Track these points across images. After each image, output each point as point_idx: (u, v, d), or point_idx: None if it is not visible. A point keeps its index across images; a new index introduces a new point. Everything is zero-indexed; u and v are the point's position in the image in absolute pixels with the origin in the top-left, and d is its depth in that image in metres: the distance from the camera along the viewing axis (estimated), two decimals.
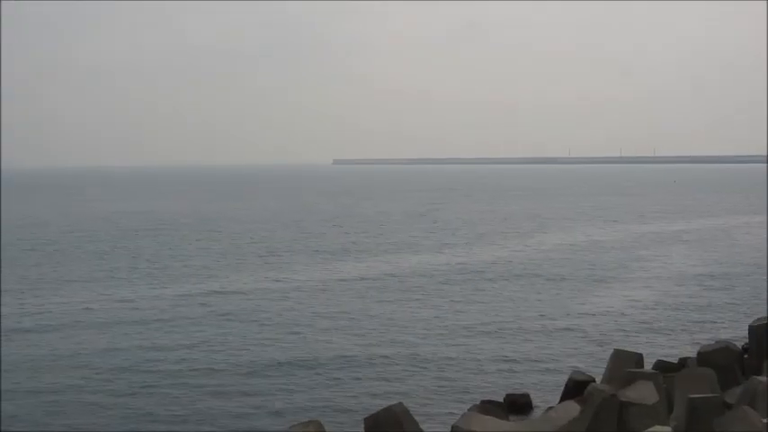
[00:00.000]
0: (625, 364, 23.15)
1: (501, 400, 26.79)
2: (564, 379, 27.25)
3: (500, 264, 61.40)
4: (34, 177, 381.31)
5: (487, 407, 23.52)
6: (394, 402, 21.04)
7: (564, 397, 25.41)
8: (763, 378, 19.22)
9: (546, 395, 27.97)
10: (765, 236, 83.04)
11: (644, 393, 19.15)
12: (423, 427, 20.55)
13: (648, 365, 26.27)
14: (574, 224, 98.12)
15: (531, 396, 27.60)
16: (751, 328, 27.04)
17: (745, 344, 28.25)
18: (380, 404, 23.91)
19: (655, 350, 33.12)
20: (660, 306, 44.40)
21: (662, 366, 27.16)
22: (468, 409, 22.56)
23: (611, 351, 25.34)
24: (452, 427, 20.29)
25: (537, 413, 25.41)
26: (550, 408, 23.19)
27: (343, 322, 40.32)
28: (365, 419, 19.74)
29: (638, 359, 24.30)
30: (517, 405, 26.64)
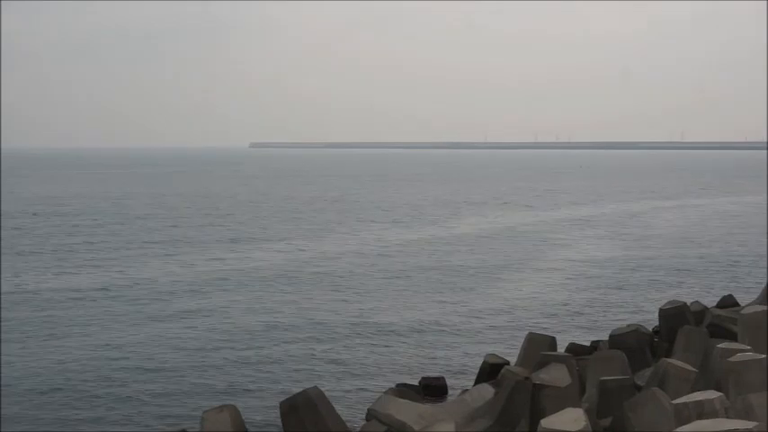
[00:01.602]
0: (539, 348, 23.42)
1: (416, 383, 26.97)
2: (479, 362, 27.49)
3: (414, 249, 61.64)
4: None
5: (403, 390, 23.64)
6: (309, 386, 21.03)
7: (478, 380, 25.63)
8: (672, 360, 19.59)
9: (461, 378, 28.21)
10: (676, 220, 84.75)
11: (557, 376, 19.38)
12: (338, 410, 20.57)
13: (561, 348, 26.61)
14: (487, 210, 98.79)
15: (447, 379, 27.82)
16: (661, 311, 27.55)
17: (656, 327, 28.77)
18: (296, 388, 23.89)
19: (568, 333, 33.59)
20: (573, 290, 45.00)
21: (574, 349, 27.53)
22: (384, 393, 22.65)
23: (526, 335, 25.60)
24: (368, 410, 20.35)
25: (452, 396, 25.61)
26: (465, 390, 23.38)
27: (256, 309, 40.09)
28: (281, 403, 19.69)
29: (551, 342, 24.61)
30: (432, 388, 26.81)
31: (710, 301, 36.16)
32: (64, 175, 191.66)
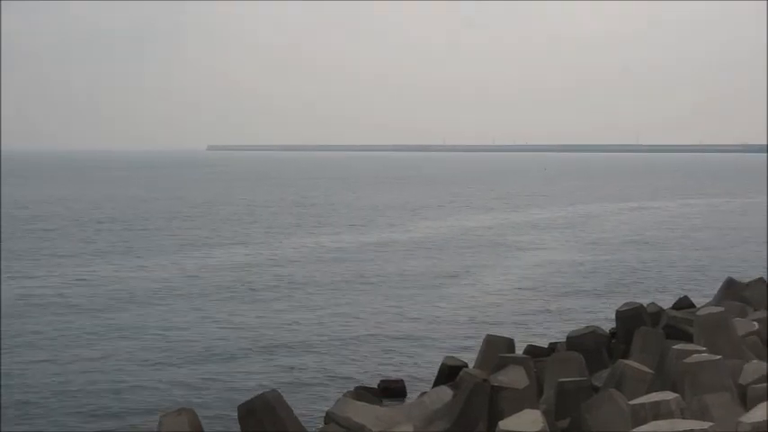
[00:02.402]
0: (497, 350, 23.48)
1: (375, 386, 26.97)
2: (437, 365, 27.54)
3: (372, 253, 61.63)
4: None
5: (361, 393, 23.63)
6: (268, 390, 20.94)
7: (437, 382, 25.67)
8: (629, 361, 19.72)
9: (420, 381, 28.21)
10: (633, 222, 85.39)
11: (515, 378, 19.45)
12: (297, 413, 20.51)
13: (520, 350, 26.68)
14: (445, 213, 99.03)
15: (405, 382, 27.82)
16: (618, 313, 27.71)
17: (613, 328, 28.92)
18: (254, 392, 23.79)
19: (526, 335, 33.71)
20: (531, 292, 45.19)
21: (532, 351, 27.62)
22: (343, 395, 22.62)
23: (484, 337, 25.65)
24: (326, 413, 20.33)
25: (411, 398, 25.62)
26: (423, 393, 23.40)
27: (214, 313, 39.87)
28: (239, 407, 19.60)
29: (509, 344, 24.69)
30: (391, 391, 26.81)
31: (667, 302, 36.41)
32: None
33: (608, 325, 30.31)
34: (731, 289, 32.15)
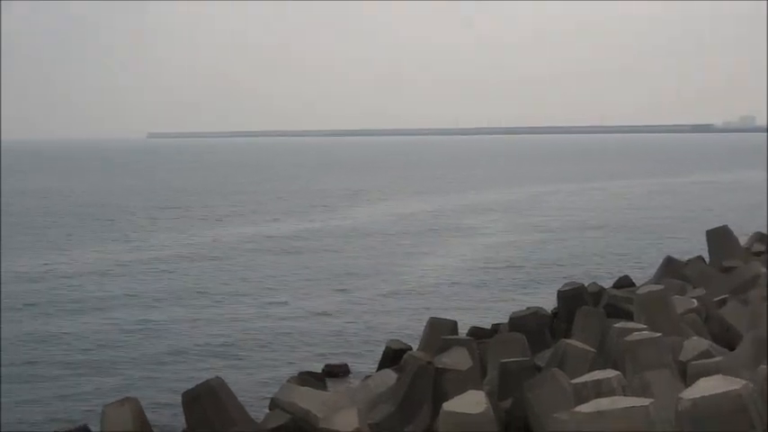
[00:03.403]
0: (440, 332, 23.55)
1: (320, 371, 26.96)
2: (382, 348, 27.59)
3: (315, 239, 61.57)
4: None
5: (306, 377, 23.59)
6: (211, 377, 20.85)
7: (381, 365, 25.72)
8: (571, 341, 19.89)
9: (364, 365, 28.25)
10: (573, 203, 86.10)
11: (458, 359, 19.54)
12: (241, 400, 20.45)
13: (463, 332, 26.81)
14: (386, 197, 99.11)
15: (350, 366, 27.89)
16: (559, 293, 27.94)
17: (555, 308, 29.16)
18: (198, 379, 23.65)
19: (469, 317, 33.78)
20: (474, 275, 45.40)
21: (476, 333, 27.79)
22: (287, 381, 22.58)
23: (427, 319, 25.72)
24: (271, 399, 20.29)
25: (355, 382, 25.64)
26: (368, 376, 23.45)
27: (155, 301, 39.62)
28: (183, 394, 19.51)
29: (452, 326, 24.76)
30: (336, 375, 26.87)
31: (607, 282, 36.78)
32: None
33: (550, 305, 30.54)
34: (670, 267, 32.63)
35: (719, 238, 33.70)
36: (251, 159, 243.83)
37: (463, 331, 27.13)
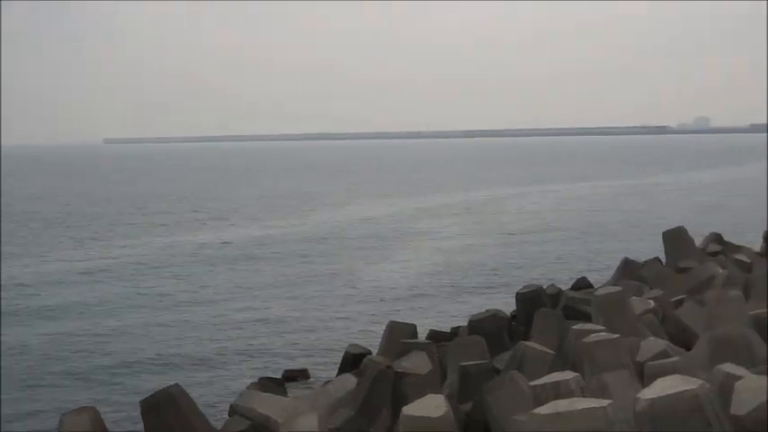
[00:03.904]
0: (400, 336, 23.58)
1: (279, 376, 26.90)
2: (341, 353, 27.56)
3: (272, 243, 61.44)
4: None
5: (265, 383, 23.55)
6: (170, 384, 20.73)
7: (341, 370, 25.69)
8: (529, 343, 19.97)
9: (324, 370, 28.21)
10: (531, 205, 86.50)
11: (418, 363, 19.56)
12: (201, 407, 20.34)
13: (422, 336, 26.86)
14: (346, 200, 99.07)
15: (310, 371, 27.85)
16: (518, 295, 28.04)
17: (513, 311, 29.27)
18: (157, 386, 23.51)
19: (428, 321, 33.85)
20: (432, 278, 45.48)
21: (435, 336, 27.83)
22: (247, 387, 22.51)
23: (387, 323, 25.73)
24: (231, 406, 20.22)
25: (315, 387, 25.60)
26: (328, 381, 23.41)
27: (111, 308, 39.35)
28: (141, 402, 19.37)
29: (412, 330, 24.80)
30: (295, 380, 26.83)
31: (565, 283, 36.99)
32: None
33: (509, 308, 30.67)
34: (627, 269, 32.86)
35: (675, 239, 34.00)
36: (213, 164, 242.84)
37: (422, 335, 27.18)
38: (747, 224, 62.42)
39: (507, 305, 32.07)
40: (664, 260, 34.15)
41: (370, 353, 25.68)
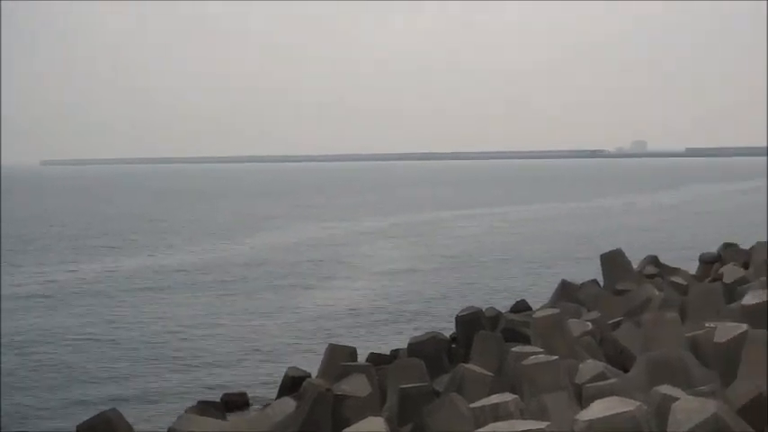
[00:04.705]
0: (339, 359, 23.53)
1: (218, 400, 26.68)
2: (281, 376, 27.44)
3: (214, 264, 61.15)
4: None
5: (204, 407, 23.33)
6: (107, 408, 20.51)
7: (280, 393, 25.58)
8: (469, 365, 20.01)
9: (263, 393, 28.05)
10: (470, 228, 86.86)
11: (357, 386, 19.52)
12: (138, 431, 20.13)
13: (362, 359, 26.83)
14: (284, 223, 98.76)
15: (249, 395, 27.65)
16: (457, 318, 28.13)
17: (453, 333, 29.34)
18: (93, 411, 23.23)
19: (368, 344, 33.85)
20: (372, 300, 45.46)
21: (374, 359, 27.80)
22: (185, 411, 22.30)
23: (326, 346, 25.66)
24: (168, 430, 20.02)
25: (254, 411, 25.44)
26: (267, 405, 23.28)
27: (46, 330, 38.82)
28: (77, 427, 19.15)
29: (351, 353, 24.77)
30: (234, 404, 26.59)
31: (504, 306, 37.15)
32: None
33: (448, 330, 30.70)
34: (565, 291, 33.14)
35: (613, 261, 34.32)
36: (153, 186, 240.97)
37: (362, 358, 27.15)
38: (683, 246, 63.27)
39: (447, 328, 32.14)
40: (601, 282, 34.44)
41: (309, 376, 25.61)
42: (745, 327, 18.39)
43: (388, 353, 29.78)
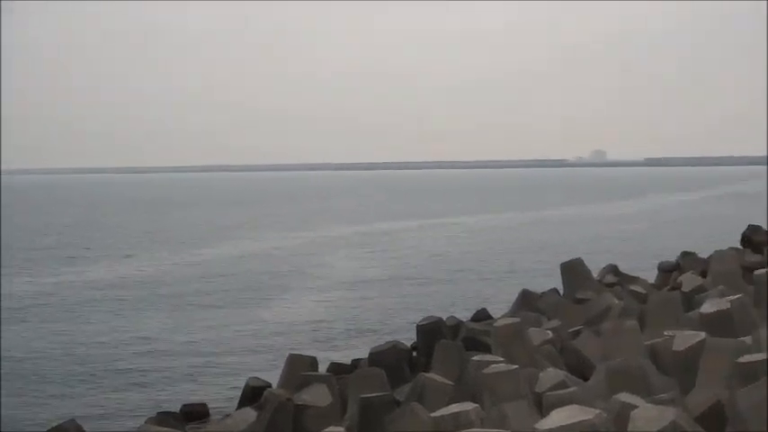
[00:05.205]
0: (300, 368, 23.45)
1: (177, 410, 26.49)
2: (241, 387, 27.30)
3: (168, 275, 60.74)
4: None
5: (163, 418, 23.19)
6: (66, 420, 20.32)
7: (241, 404, 25.43)
8: (430, 374, 20.01)
9: (223, 403, 27.90)
10: (430, 238, 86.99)
11: (318, 395, 19.48)
12: None
13: (323, 368, 26.74)
14: (246, 233, 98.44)
15: (208, 405, 27.46)
16: (418, 327, 28.11)
17: (414, 342, 29.33)
18: (52, 422, 23.01)
19: (329, 353, 33.79)
20: (333, 310, 45.39)
21: (335, 368, 27.70)
22: (144, 422, 22.13)
23: (287, 356, 25.57)
24: None
25: (214, 421, 25.27)
26: (227, 415, 23.15)
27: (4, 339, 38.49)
28: None
29: (312, 362, 24.69)
30: (194, 415, 26.38)
31: (465, 315, 37.19)
32: None
33: (409, 340, 30.72)
34: (526, 300, 33.22)
35: (573, 270, 34.45)
36: (107, 196, 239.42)
37: (323, 367, 27.06)
38: (642, 255, 63.68)
39: (408, 337, 32.14)
40: (562, 291, 34.57)
41: (270, 386, 25.47)
42: (703, 335, 18.51)
43: (348, 362, 29.71)
